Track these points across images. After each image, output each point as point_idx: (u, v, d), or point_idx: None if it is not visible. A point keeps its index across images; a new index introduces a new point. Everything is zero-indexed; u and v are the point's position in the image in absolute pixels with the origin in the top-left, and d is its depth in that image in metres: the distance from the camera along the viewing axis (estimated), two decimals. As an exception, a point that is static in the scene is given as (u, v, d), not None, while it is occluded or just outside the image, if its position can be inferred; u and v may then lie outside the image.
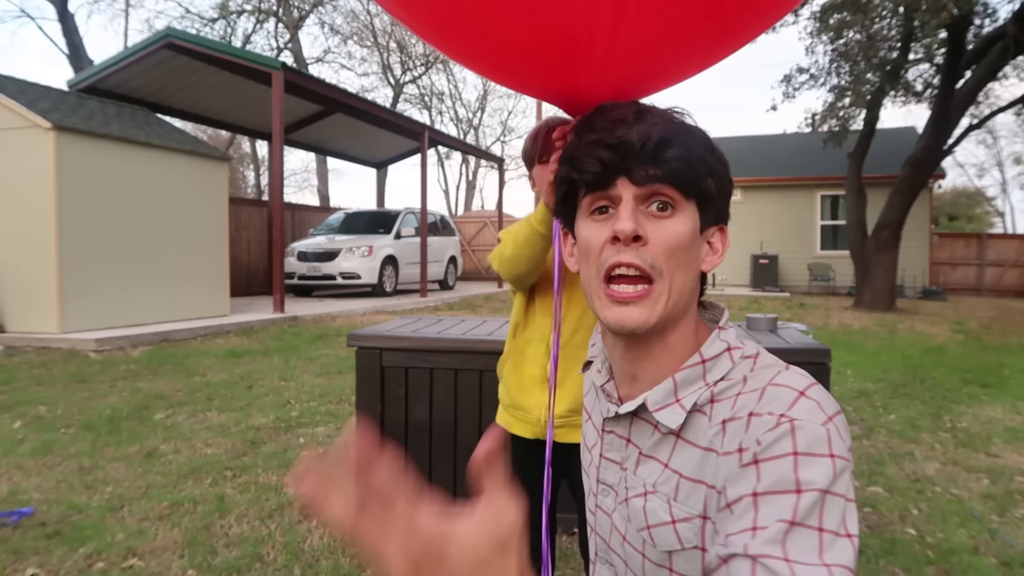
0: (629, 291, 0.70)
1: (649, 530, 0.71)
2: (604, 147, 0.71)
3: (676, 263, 0.70)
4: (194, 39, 9.89)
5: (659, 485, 0.71)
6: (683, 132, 0.72)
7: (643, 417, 0.75)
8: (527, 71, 1.06)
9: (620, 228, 0.69)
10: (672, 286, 0.70)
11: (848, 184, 13.31)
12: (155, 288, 8.26)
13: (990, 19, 11.48)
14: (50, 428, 4.19)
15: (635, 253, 0.69)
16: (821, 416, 0.62)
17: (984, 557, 2.61)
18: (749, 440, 0.62)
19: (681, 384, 0.72)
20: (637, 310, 0.70)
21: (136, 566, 2.46)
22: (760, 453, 0.61)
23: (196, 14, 28.53)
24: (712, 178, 0.73)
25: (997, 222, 41.40)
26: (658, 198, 0.71)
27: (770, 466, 0.60)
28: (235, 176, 33.98)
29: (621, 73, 1.01)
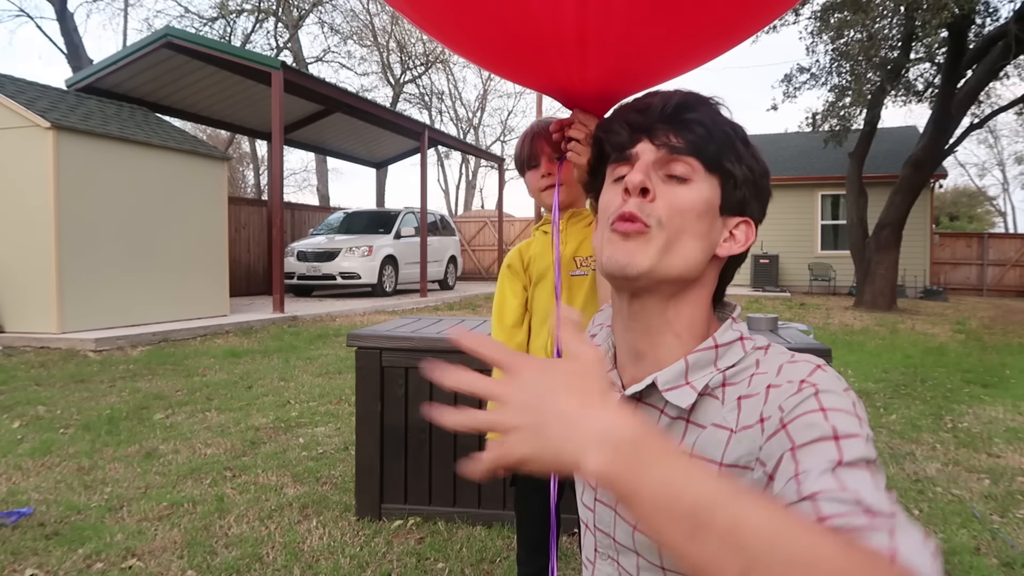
0: (629, 224, 0.70)
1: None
2: (632, 111, 0.75)
3: (680, 224, 0.70)
4: (193, 38, 9.88)
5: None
6: (708, 105, 0.73)
7: (649, 402, 0.74)
8: (519, 59, 1.07)
9: (629, 178, 0.71)
10: (672, 241, 0.70)
11: (849, 184, 13.31)
12: (154, 288, 8.25)
13: (991, 18, 11.48)
14: (49, 428, 4.18)
15: (638, 204, 0.70)
16: (841, 384, 0.62)
17: (985, 558, 2.60)
18: (771, 408, 0.62)
19: (693, 367, 0.71)
20: (632, 246, 0.70)
21: (135, 566, 2.45)
22: (786, 416, 0.60)
23: (195, 13, 28.50)
24: (739, 163, 0.73)
25: (998, 222, 41.42)
26: (676, 163, 0.71)
27: (799, 422, 0.58)
28: (235, 176, 33.96)
29: (612, 64, 1.01)
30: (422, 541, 2.66)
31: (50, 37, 43.53)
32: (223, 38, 23.13)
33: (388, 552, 2.58)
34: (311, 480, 3.36)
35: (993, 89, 13.63)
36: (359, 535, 2.72)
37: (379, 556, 2.55)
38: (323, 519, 2.87)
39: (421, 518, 2.83)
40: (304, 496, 3.13)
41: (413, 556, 2.54)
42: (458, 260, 16.25)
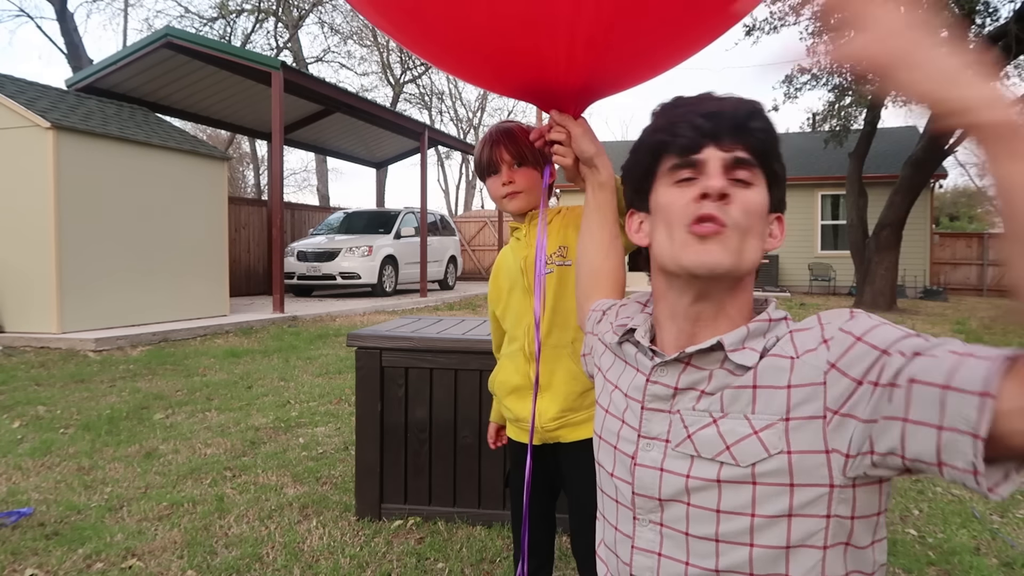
0: (710, 226, 0.76)
1: (729, 450, 0.74)
2: (698, 115, 0.78)
3: (750, 225, 0.77)
4: (193, 38, 9.87)
5: (728, 406, 0.75)
6: (764, 112, 0.80)
7: (696, 365, 0.80)
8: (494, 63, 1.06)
9: (711, 185, 0.76)
10: (745, 243, 0.77)
11: (849, 184, 13.31)
12: (154, 288, 8.25)
13: (991, 18, 11.47)
14: (49, 428, 4.18)
15: (719, 207, 0.76)
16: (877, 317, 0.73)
17: (985, 558, 2.60)
18: (831, 331, 0.72)
19: (752, 334, 0.78)
20: (717, 247, 0.76)
21: (135, 566, 2.45)
22: (856, 331, 0.70)
23: (195, 13, 28.51)
24: (779, 163, 0.81)
25: (998, 222, 41.35)
26: (740, 170, 0.78)
27: (874, 336, 0.69)
28: (235, 176, 33.96)
29: (590, 64, 1.01)
30: (422, 541, 2.66)
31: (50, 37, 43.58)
32: (223, 38, 23.14)
33: (388, 552, 2.58)
34: (311, 480, 3.36)
35: (993, 89, 13.60)
36: (359, 535, 2.72)
37: (379, 556, 2.55)
38: (323, 519, 2.87)
39: (421, 518, 2.83)
40: (304, 496, 3.13)
41: (413, 556, 2.54)
42: (458, 260, 16.25)
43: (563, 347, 1.50)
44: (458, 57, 1.10)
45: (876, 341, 0.68)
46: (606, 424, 0.91)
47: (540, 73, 1.06)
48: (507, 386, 1.60)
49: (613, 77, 1.10)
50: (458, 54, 1.09)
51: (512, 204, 1.54)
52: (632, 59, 1.05)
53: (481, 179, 1.60)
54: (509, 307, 1.62)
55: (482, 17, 0.95)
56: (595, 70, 1.06)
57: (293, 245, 13.11)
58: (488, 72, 1.13)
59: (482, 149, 1.55)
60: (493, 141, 1.53)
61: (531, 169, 1.53)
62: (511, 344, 1.60)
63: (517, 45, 1.00)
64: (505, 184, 1.52)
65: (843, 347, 0.69)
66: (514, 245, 1.63)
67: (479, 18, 0.96)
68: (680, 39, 1.04)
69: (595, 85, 1.12)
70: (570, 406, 1.50)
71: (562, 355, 1.50)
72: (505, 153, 1.51)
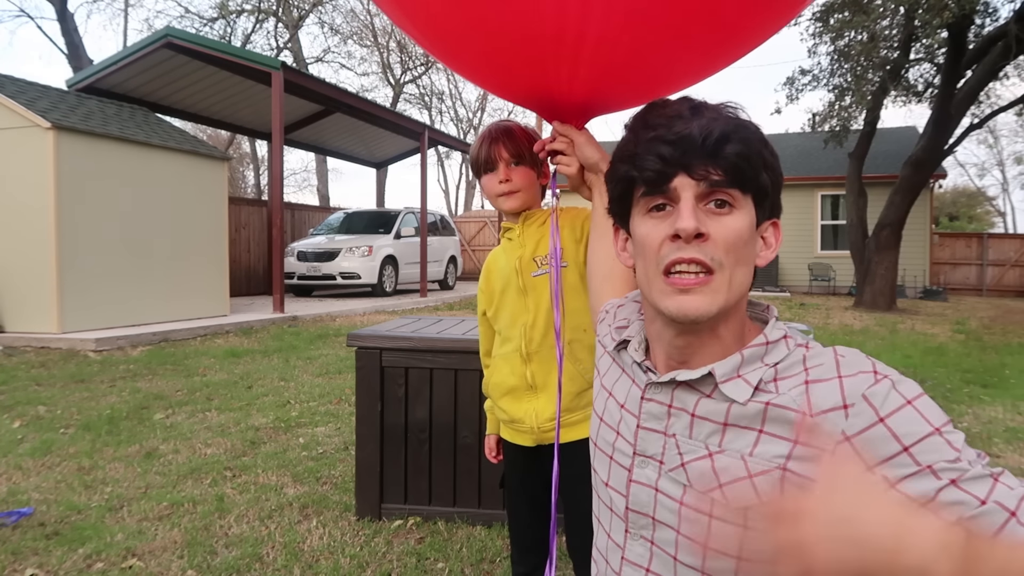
0: (691, 279, 0.71)
1: (722, 488, 0.72)
2: (664, 143, 0.72)
3: (736, 258, 0.72)
4: (193, 38, 9.88)
5: (727, 444, 0.72)
6: (741, 127, 0.72)
7: (692, 386, 0.76)
8: (509, 63, 1.06)
9: (682, 226, 0.70)
10: (732, 279, 0.72)
11: (849, 184, 13.31)
12: (155, 288, 8.25)
13: (991, 18, 11.47)
14: (49, 428, 4.18)
15: (697, 249, 0.71)
16: (896, 371, 0.68)
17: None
18: (853, 395, 0.66)
19: (747, 360, 0.74)
20: (698, 298, 0.71)
21: (135, 566, 2.45)
22: (882, 410, 0.64)
23: (195, 14, 28.54)
24: (767, 172, 0.73)
25: (998, 222, 41.41)
26: (717, 196, 0.72)
27: (898, 419, 0.64)
28: (235, 176, 33.96)
29: (603, 68, 1.02)
30: (422, 541, 2.66)
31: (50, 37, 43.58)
32: (223, 38, 23.14)
33: (388, 552, 2.58)
34: (311, 480, 3.36)
35: (993, 89, 13.63)
36: (359, 535, 2.72)
37: (379, 556, 2.55)
38: (323, 519, 2.88)
39: (421, 518, 2.83)
40: (304, 496, 3.13)
41: (413, 556, 2.54)
42: (458, 260, 16.24)
43: (555, 349, 1.50)
44: (467, 62, 1.13)
45: (901, 431, 0.63)
46: (601, 432, 0.89)
47: (544, 86, 1.08)
48: (502, 387, 1.59)
49: (618, 96, 1.11)
50: (468, 60, 1.11)
51: (508, 203, 1.53)
52: (638, 80, 1.05)
53: (477, 176, 1.59)
54: (502, 308, 1.61)
55: (491, 28, 0.97)
56: (599, 88, 1.07)
57: (293, 245, 13.11)
58: (495, 79, 1.15)
59: (480, 145, 1.54)
60: (492, 138, 1.52)
61: (528, 169, 1.53)
62: (505, 345, 1.59)
63: (523, 57, 1.01)
64: (502, 182, 1.51)
65: (863, 423, 0.64)
66: (506, 246, 1.62)
67: (489, 28, 0.97)
68: (690, 64, 1.04)
69: (599, 102, 1.13)
70: (566, 406, 1.50)
71: (555, 356, 1.49)
72: (503, 151, 1.50)
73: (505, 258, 1.61)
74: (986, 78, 11.33)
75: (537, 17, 0.92)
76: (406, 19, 1.09)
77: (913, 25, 10.95)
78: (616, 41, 0.94)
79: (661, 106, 0.77)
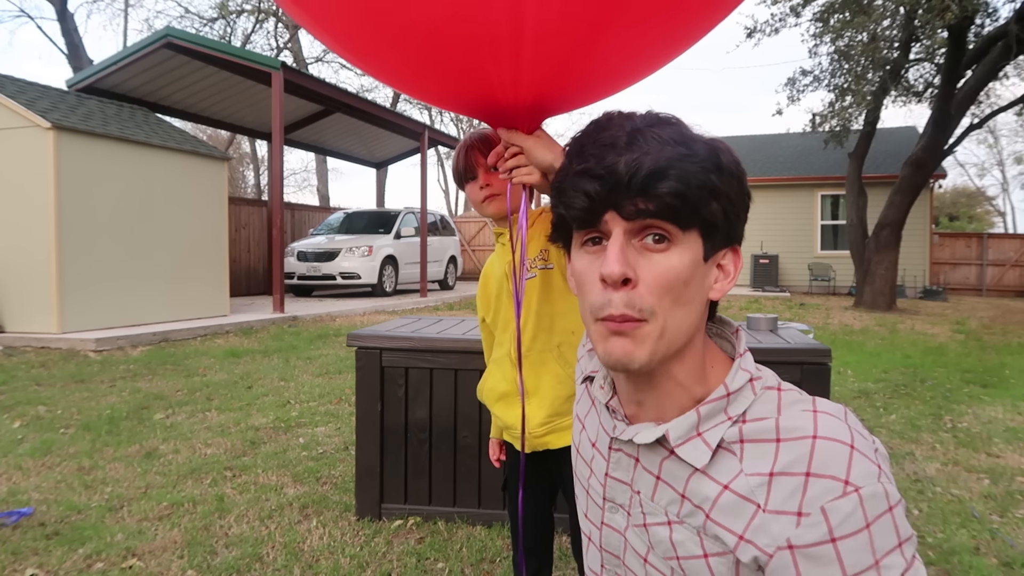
0: (617, 326, 0.66)
1: (679, 560, 0.69)
2: (591, 177, 0.66)
3: (672, 300, 0.66)
4: (193, 39, 9.87)
5: (685, 516, 0.68)
6: (680, 158, 0.65)
7: (658, 442, 0.72)
8: (440, 79, 1.01)
9: (606, 272, 0.65)
10: (667, 326, 0.66)
11: (849, 184, 13.32)
12: (155, 288, 8.25)
13: (991, 18, 11.48)
14: (49, 428, 4.18)
15: (624, 298, 0.65)
16: (875, 471, 0.61)
17: (985, 557, 2.60)
18: (812, 504, 0.60)
19: (705, 418, 0.68)
20: (628, 342, 0.66)
21: (136, 566, 2.45)
22: (837, 530, 0.59)
23: (195, 14, 28.54)
24: (718, 200, 0.66)
25: (998, 222, 41.42)
26: (652, 231, 0.66)
27: (848, 545, 0.58)
28: (235, 176, 33.95)
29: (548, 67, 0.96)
30: (422, 541, 2.67)
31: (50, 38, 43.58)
32: (223, 38, 23.14)
33: (388, 552, 2.59)
34: (311, 480, 3.36)
35: (993, 89, 13.63)
36: (359, 535, 2.72)
37: (379, 556, 2.55)
38: (323, 519, 2.88)
39: (421, 518, 2.83)
40: (304, 496, 3.14)
41: (413, 556, 2.54)
42: (458, 260, 16.25)
43: (548, 351, 1.50)
44: (400, 74, 1.06)
45: (849, 560, 0.58)
46: (578, 465, 0.86)
47: (487, 92, 1.02)
48: (495, 393, 1.60)
49: (567, 95, 1.05)
50: (399, 71, 1.05)
51: (491, 207, 1.53)
52: (584, 76, 1.00)
53: (460, 187, 1.60)
54: (498, 312, 1.62)
55: (422, 35, 0.92)
56: (544, 88, 1.01)
57: (293, 245, 13.11)
58: (433, 90, 1.08)
59: (458, 156, 1.56)
60: (468, 147, 1.53)
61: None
62: (498, 349, 1.60)
63: (460, 64, 0.95)
64: (483, 188, 1.52)
65: (813, 538, 0.59)
66: (499, 251, 1.64)
67: (420, 36, 0.92)
68: (638, 54, 0.99)
69: (546, 103, 1.07)
70: (557, 411, 1.50)
71: (548, 359, 1.50)
72: (480, 157, 1.51)
73: (499, 262, 1.62)
74: (986, 78, 11.33)
75: (470, 19, 0.87)
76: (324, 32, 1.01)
77: (913, 25, 10.95)
78: (555, 36, 0.89)
79: (602, 127, 0.70)
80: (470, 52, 0.92)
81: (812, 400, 0.67)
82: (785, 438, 0.64)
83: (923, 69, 13.39)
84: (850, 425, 0.64)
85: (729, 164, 0.68)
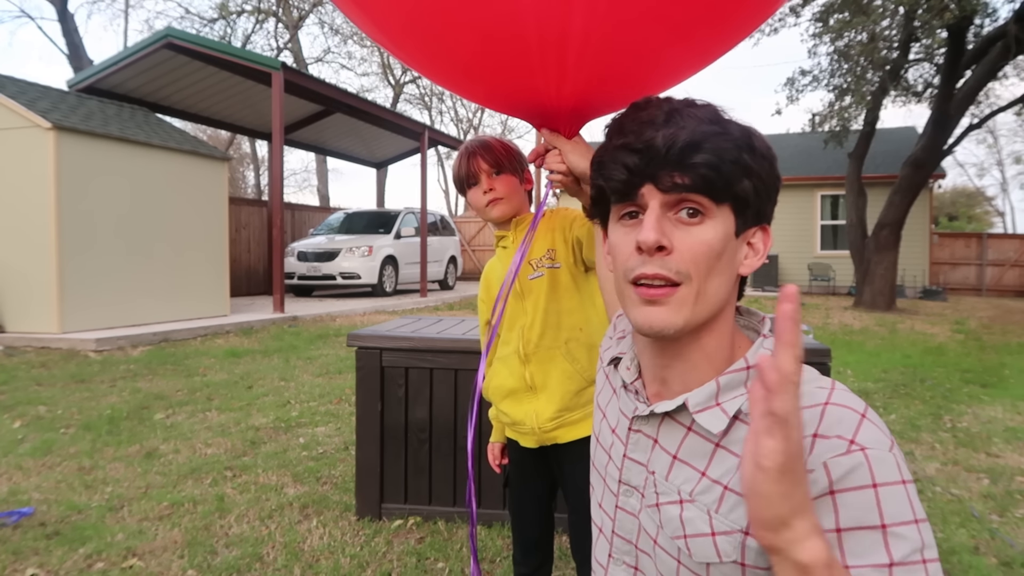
0: (655, 290, 0.68)
1: (686, 539, 0.70)
2: (630, 151, 0.69)
3: (706, 269, 0.68)
4: (194, 39, 9.88)
5: (698, 494, 0.70)
6: (714, 135, 0.68)
7: (676, 418, 0.73)
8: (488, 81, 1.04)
9: (642, 238, 0.67)
10: (701, 291, 0.68)
11: (848, 184, 13.32)
12: (155, 288, 8.26)
13: (990, 19, 11.48)
14: (50, 428, 4.19)
15: (660, 263, 0.68)
16: (887, 441, 0.61)
17: (984, 557, 2.61)
18: (815, 461, 0.60)
19: (724, 388, 0.70)
20: (665, 311, 0.68)
21: (136, 566, 2.46)
22: (836, 483, 0.59)
23: (196, 14, 28.56)
24: (750, 178, 0.69)
25: (997, 222, 41.42)
26: (687, 204, 0.69)
27: (849, 499, 0.59)
28: (235, 176, 33.96)
29: (591, 72, 1.00)
30: (422, 541, 2.67)
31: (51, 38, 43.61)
32: (223, 39, 23.15)
33: (388, 552, 2.59)
34: (311, 480, 3.36)
35: (992, 89, 13.65)
36: (359, 535, 2.72)
37: (379, 556, 2.55)
38: (323, 519, 2.88)
39: (421, 518, 2.84)
40: (304, 496, 3.14)
41: (413, 556, 2.54)
42: (458, 260, 16.25)
43: (556, 348, 1.53)
44: (449, 73, 1.10)
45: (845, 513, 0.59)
46: (597, 453, 0.88)
47: (531, 94, 1.06)
48: (503, 390, 1.61)
49: (609, 99, 1.08)
50: (449, 70, 1.09)
51: (494, 211, 1.56)
52: (628, 81, 1.03)
53: (462, 193, 1.63)
54: (503, 313, 1.64)
55: (472, 39, 0.95)
56: (589, 93, 1.05)
57: (293, 245, 13.11)
58: (480, 90, 1.12)
59: (460, 162, 1.58)
60: (470, 153, 1.56)
61: (510, 176, 1.56)
62: (504, 348, 1.62)
63: (507, 67, 0.99)
64: (486, 192, 1.55)
65: (814, 492, 0.60)
66: (501, 254, 1.66)
67: (469, 36, 0.95)
68: (680, 60, 1.02)
69: (590, 107, 1.11)
70: (566, 405, 1.53)
71: (556, 356, 1.53)
72: (482, 162, 1.54)
73: (501, 266, 1.65)
74: (985, 78, 11.33)
75: (520, 22, 0.89)
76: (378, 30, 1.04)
77: (913, 26, 10.96)
78: (603, 42, 0.93)
79: (641, 108, 0.73)
80: (519, 58, 0.95)
81: (832, 380, 0.69)
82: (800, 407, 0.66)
83: (922, 69, 13.39)
84: (861, 400, 0.65)
85: (761, 147, 0.71)
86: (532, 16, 0.89)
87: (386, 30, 1.04)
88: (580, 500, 1.55)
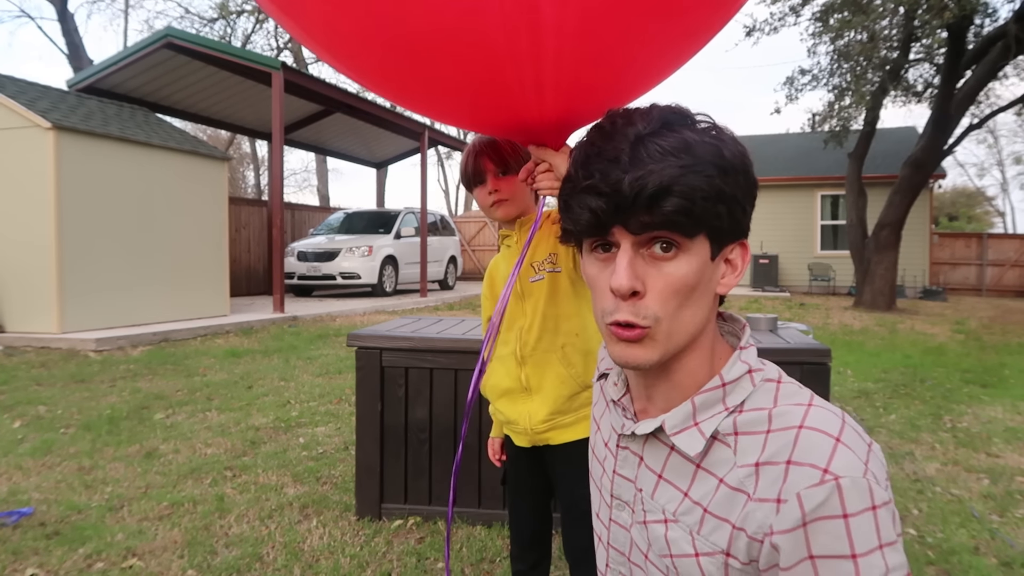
0: (628, 332, 0.68)
1: (672, 559, 0.71)
2: (596, 194, 0.67)
3: (678, 304, 0.67)
4: (194, 39, 9.87)
5: (680, 515, 0.70)
6: (684, 173, 0.64)
7: (659, 438, 0.74)
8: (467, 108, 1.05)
9: (615, 286, 0.66)
10: (674, 327, 0.68)
11: (848, 184, 13.32)
12: (155, 288, 8.26)
13: (990, 18, 11.48)
14: (50, 428, 4.19)
15: (632, 309, 0.67)
16: (860, 466, 0.60)
17: (984, 557, 2.61)
18: (789, 491, 0.61)
19: (700, 408, 0.70)
20: (640, 349, 0.68)
21: (136, 566, 2.46)
22: (809, 515, 0.59)
23: (196, 14, 28.56)
24: (725, 203, 0.66)
25: (997, 222, 41.43)
26: (660, 240, 0.67)
27: (820, 527, 0.59)
28: (235, 176, 33.95)
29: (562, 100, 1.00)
30: (422, 541, 2.67)
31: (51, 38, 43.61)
32: (223, 39, 23.16)
33: (388, 552, 2.59)
34: (311, 480, 3.36)
35: (992, 89, 13.64)
36: (359, 535, 2.72)
37: (379, 556, 2.55)
38: (323, 519, 2.88)
39: (421, 518, 2.84)
40: (304, 496, 3.14)
41: (413, 556, 2.54)
42: (458, 260, 16.25)
43: (553, 351, 1.54)
44: (429, 104, 1.09)
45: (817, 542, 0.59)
46: (592, 466, 0.89)
47: (513, 114, 1.05)
48: (498, 389, 1.63)
49: (589, 110, 1.08)
50: (429, 101, 1.08)
51: (499, 212, 1.57)
52: (605, 90, 1.03)
53: (468, 190, 1.64)
54: (506, 308, 1.65)
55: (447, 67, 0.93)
56: (569, 105, 1.05)
57: (293, 245, 13.11)
58: (462, 115, 1.12)
59: (467, 160, 1.59)
60: (477, 152, 1.56)
61: (516, 177, 1.56)
62: (502, 348, 1.63)
63: (486, 90, 0.98)
64: (491, 193, 1.55)
65: (787, 524, 0.60)
66: (506, 253, 1.67)
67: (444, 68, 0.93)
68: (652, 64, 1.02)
69: (572, 118, 1.11)
70: (559, 409, 1.54)
71: (551, 360, 1.54)
72: (489, 162, 1.54)
73: (506, 265, 1.66)
74: (985, 78, 11.33)
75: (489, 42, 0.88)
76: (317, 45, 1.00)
77: (913, 25, 10.96)
78: (574, 53, 0.92)
79: (606, 135, 0.69)
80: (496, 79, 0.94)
81: (811, 395, 0.68)
82: (774, 428, 0.65)
83: (922, 69, 13.40)
84: (844, 421, 0.64)
85: (733, 159, 0.68)
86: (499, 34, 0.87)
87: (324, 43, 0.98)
88: (572, 502, 1.57)
